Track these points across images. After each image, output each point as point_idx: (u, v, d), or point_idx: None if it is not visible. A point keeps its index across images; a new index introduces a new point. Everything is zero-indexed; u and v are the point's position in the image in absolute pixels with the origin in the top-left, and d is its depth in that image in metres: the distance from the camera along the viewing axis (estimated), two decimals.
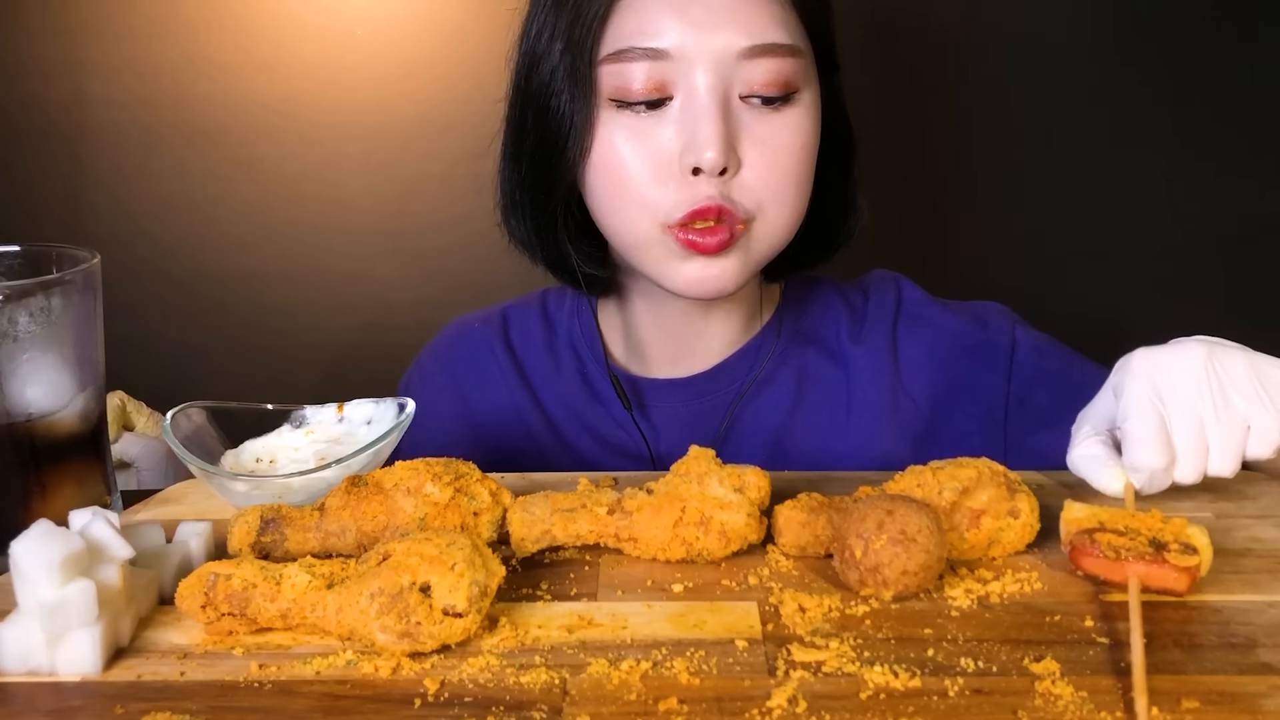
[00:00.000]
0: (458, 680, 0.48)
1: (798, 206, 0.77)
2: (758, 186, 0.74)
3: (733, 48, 0.72)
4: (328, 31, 1.34)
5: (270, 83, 1.34)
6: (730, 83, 0.73)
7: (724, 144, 0.72)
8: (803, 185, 0.77)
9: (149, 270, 1.39)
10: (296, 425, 0.73)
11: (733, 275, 0.76)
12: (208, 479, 0.67)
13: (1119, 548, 0.55)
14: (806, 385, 0.86)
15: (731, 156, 0.73)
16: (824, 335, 0.88)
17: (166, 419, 0.68)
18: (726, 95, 0.73)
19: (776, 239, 0.78)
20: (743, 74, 0.73)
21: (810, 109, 0.76)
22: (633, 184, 0.75)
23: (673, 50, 0.72)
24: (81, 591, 0.49)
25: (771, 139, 0.74)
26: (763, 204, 0.75)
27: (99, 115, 1.35)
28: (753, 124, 0.74)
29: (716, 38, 0.72)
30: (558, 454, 0.89)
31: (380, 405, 0.73)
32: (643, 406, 0.88)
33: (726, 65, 0.72)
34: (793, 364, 0.87)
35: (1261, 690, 0.46)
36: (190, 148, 1.36)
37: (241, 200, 1.37)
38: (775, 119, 0.74)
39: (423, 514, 0.59)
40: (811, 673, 0.48)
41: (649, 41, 0.73)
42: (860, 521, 0.54)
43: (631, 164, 0.74)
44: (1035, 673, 0.48)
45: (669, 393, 0.87)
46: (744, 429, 0.86)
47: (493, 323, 0.94)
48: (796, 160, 0.75)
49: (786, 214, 0.77)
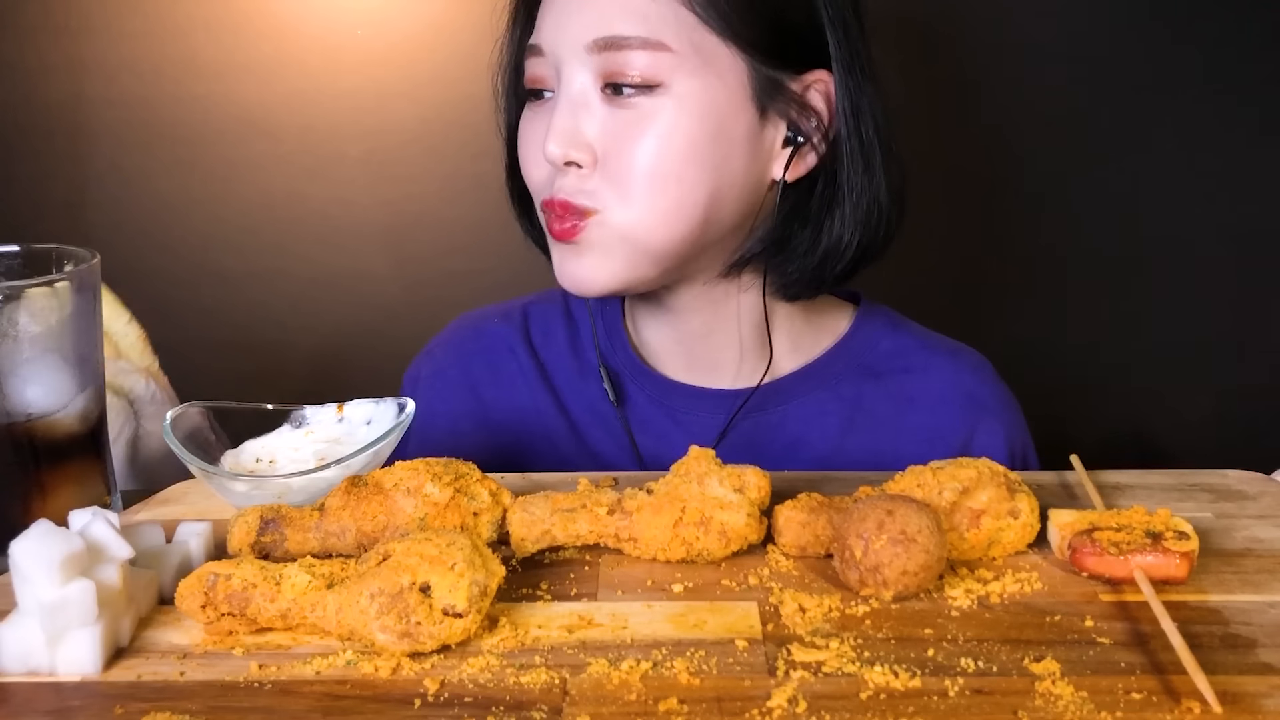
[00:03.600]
0: (458, 680, 0.48)
1: (658, 204, 0.73)
2: (603, 181, 0.74)
3: (582, 40, 0.72)
4: (328, 32, 1.34)
5: (270, 83, 1.34)
6: (593, 76, 0.73)
7: (566, 138, 0.73)
8: (660, 182, 0.73)
9: (149, 270, 1.39)
10: (296, 425, 0.73)
11: (592, 270, 0.76)
12: (207, 479, 0.67)
13: (1119, 543, 0.55)
14: (860, 418, 0.85)
15: (583, 151, 0.73)
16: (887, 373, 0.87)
17: (167, 419, 0.68)
18: (586, 89, 0.73)
19: (639, 237, 0.74)
20: (598, 67, 0.73)
21: (681, 101, 0.72)
22: (525, 172, 0.79)
23: (543, 45, 0.75)
24: (81, 591, 0.49)
25: (620, 132, 0.73)
26: (608, 199, 0.74)
27: (99, 115, 1.35)
28: (607, 117, 0.73)
29: (570, 31, 0.73)
30: (579, 457, 0.87)
31: (380, 405, 0.73)
32: (670, 410, 0.86)
33: (580, 58, 0.73)
34: (846, 395, 0.85)
35: (1261, 690, 0.46)
36: (190, 147, 1.36)
37: (241, 200, 1.37)
38: (626, 113, 0.73)
39: (423, 514, 0.59)
40: (811, 673, 0.48)
41: (534, 38, 0.76)
42: (860, 521, 0.54)
43: (524, 153, 0.79)
44: (1035, 673, 0.48)
45: (703, 401, 0.85)
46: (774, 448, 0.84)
47: (513, 319, 0.92)
48: (650, 156, 0.73)
49: (641, 211, 0.73)
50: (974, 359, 0.90)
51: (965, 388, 0.87)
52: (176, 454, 0.66)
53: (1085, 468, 0.70)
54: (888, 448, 0.84)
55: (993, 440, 0.85)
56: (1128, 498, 0.68)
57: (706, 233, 0.76)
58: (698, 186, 0.74)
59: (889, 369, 0.87)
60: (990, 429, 0.85)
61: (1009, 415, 0.87)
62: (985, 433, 0.85)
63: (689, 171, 0.73)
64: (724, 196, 0.75)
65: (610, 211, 0.74)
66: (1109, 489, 0.70)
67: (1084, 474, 0.69)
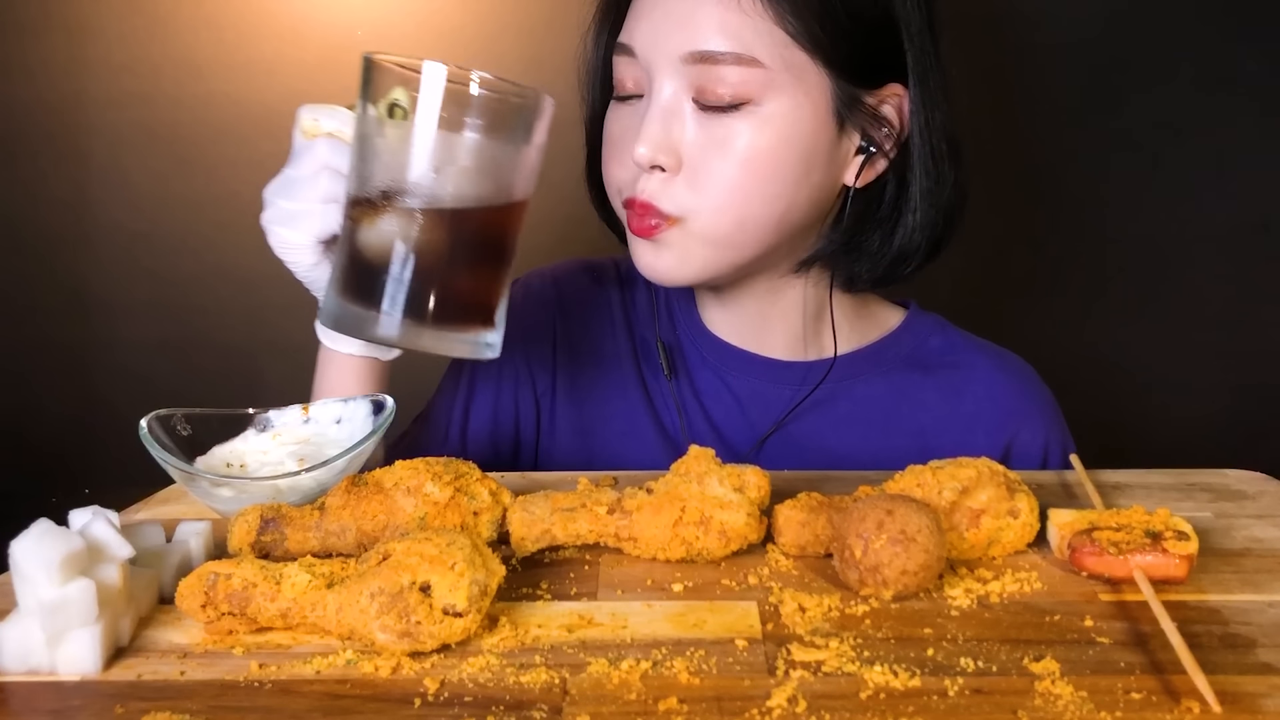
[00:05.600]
0: (458, 680, 0.48)
1: (737, 214, 0.77)
2: (688, 190, 0.76)
3: (677, 52, 0.74)
4: (328, 32, 1.34)
5: (271, 83, 1.34)
6: (685, 86, 0.75)
7: (656, 143, 0.75)
8: (742, 197, 0.76)
9: (149, 270, 1.39)
10: (261, 429, 0.72)
11: (670, 267, 0.79)
12: (190, 484, 0.66)
13: (1118, 542, 0.55)
14: (907, 405, 0.88)
15: (669, 156, 0.75)
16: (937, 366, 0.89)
17: (143, 425, 0.66)
18: (678, 97, 0.75)
19: (718, 243, 0.78)
20: (692, 78, 0.75)
21: (769, 121, 0.75)
22: (607, 164, 0.82)
23: (636, 49, 0.77)
24: (81, 591, 0.49)
25: (710, 146, 0.75)
26: (692, 207, 0.77)
27: (100, 115, 1.35)
28: (697, 128, 0.76)
29: (665, 40, 0.75)
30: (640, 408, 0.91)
31: (350, 404, 0.73)
32: (723, 374, 0.90)
33: (675, 68, 0.75)
34: (896, 382, 0.89)
35: (1261, 690, 0.46)
36: (191, 147, 1.36)
37: (242, 200, 1.37)
38: (716, 126, 0.75)
39: (423, 513, 0.59)
40: (811, 672, 0.48)
41: (625, 38, 0.78)
42: (860, 521, 0.54)
43: (609, 151, 0.82)
44: (1035, 673, 0.48)
45: (756, 369, 0.89)
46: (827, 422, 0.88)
47: (608, 269, 0.97)
48: (735, 169, 0.75)
49: (720, 220, 0.77)
50: (1019, 362, 0.93)
51: (1012, 388, 0.90)
52: (157, 459, 0.66)
53: (1085, 467, 0.70)
54: (932, 433, 0.87)
55: (1035, 440, 0.87)
56: (1127, 497, 0.68)
57: (779, 236, 0.80)
58: (777, 200, 0.77)
59: (939, 363, 0.90)
60: (1033, 429, 0.88)
61: (1052, 418, 0.90)
62: (1029, 432, 0.87)
63: (770, 188, 0.77)
64: (799, 206, 0.79)
65: (691, 218, 0.77)
66: (1109, 488, 0.70)
67: (1084, 473, 0.69)
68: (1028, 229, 1.38)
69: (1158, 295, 1.38)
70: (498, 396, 0.93)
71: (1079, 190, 1.36)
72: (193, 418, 0.70)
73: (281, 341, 1.39)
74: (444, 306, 0.66)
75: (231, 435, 0.72)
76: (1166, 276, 1.37)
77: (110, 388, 1.42)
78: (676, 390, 0.90)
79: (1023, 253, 1.38)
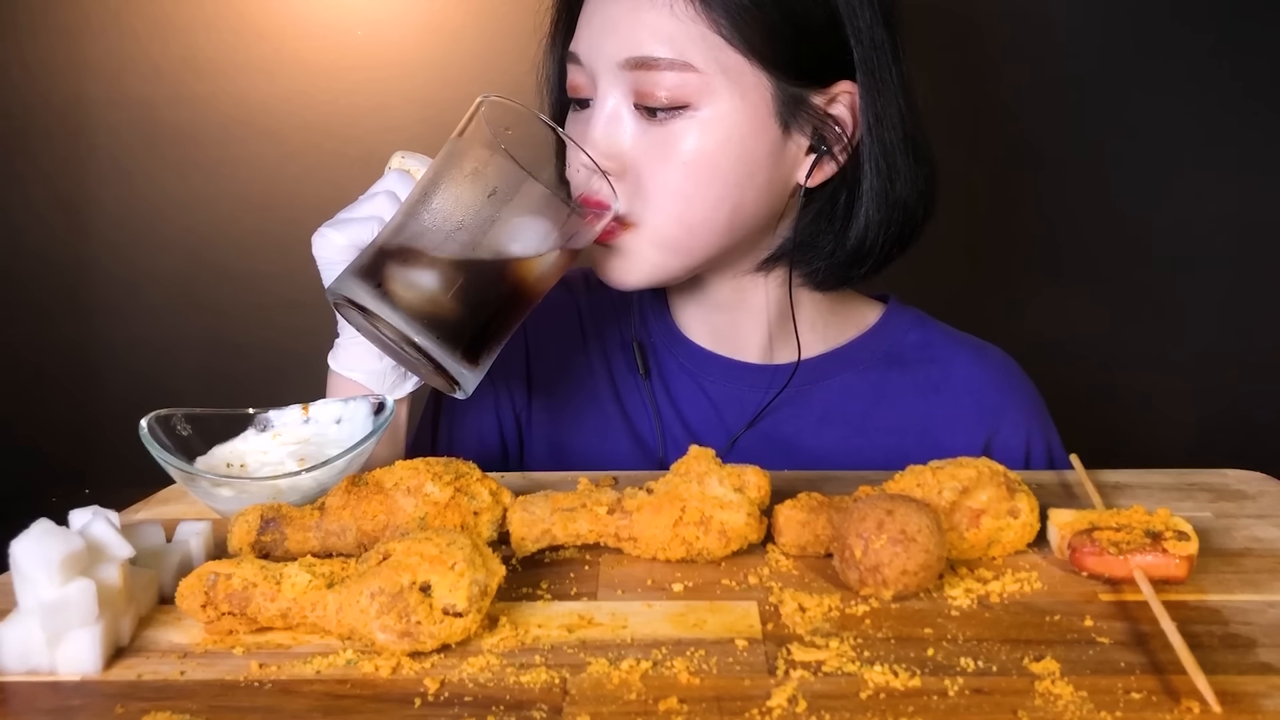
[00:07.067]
0: (458, 680, 0.48)
1: (683, 218, 0.77)
2: (635, 195, 0.76)
3: (616, 58, 0.75)
4: (328, 32, 1.34)
5: (270, 83, 1.34)
6: (626, 92, 0.76)
7: (599, 149, 0.75)
8: (684, 201, 0.76)
9: (149, 270, 1.39)
10: (261, 429, 0.72)
11: (624, 271, 0.79)
12: (190, 484, 0.66)
13: (1118, 542, 0.55)
14: (884, 403, 0.87)
15: (613, 162, 0.76)
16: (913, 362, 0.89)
17: (143, 425, 0.67)
18: (620, 103, 0.76)
19: (668, 246, 0.78)
20: (632, 84, 0.75)
21: (707, 124, 0.75)
22: (568, 174, 0.81)
23: (581, 56, 0.77)
24: (81, 591, 0.49)
25: (651, 150, 0.76)
26: (639, 212, 0.77)
27: (100, 115, 1.35)
28: (639, 134, 0.76)
29: (604, 48, 0.76)
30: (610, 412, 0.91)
31: (350, 404, 0.73)
32: (699, 379, 0.90)
33: (614, 74, 0.75)
34: (872, 380, 0.88)
35: (1261, 690, 0.46)
36: (191, 148, 1.36)
37: (241, 200, 1.37)
38: (657, 131, 0.76)
39: (423, 513, 0.59)
40: (811, 672, 0.48)
41: (573, 47, 0.78)
42: (860, 521, 0.54)
43: None
44: (1035, 672, 0.48)
45: (731, 373, 0.89)
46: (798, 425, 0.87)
47: (576, 280, 0.97)
48: (676, 173, 0.75)
49: (666, 224, 0.77)
50: (1000, 355, 0.92)
51: (992, 381, 0.89)
52: (157, 459, 0.66)
53: (1085, 467, 0.70)
54: (911, 430, 0.86)
55: (1016, 434, 0.87)
56: (1127, 497, 0.68)
57: (732, 237, 0.80)
58: (722, 202, 0.77)
59: (916, 359, 0.89)
60: (1014, 423, 0.87)
61: (1034, 411, 0.89)
62: (1010, 426, 0.87)
63: (712, 190, 0.76)
64: (747, 207, 0.79)
65: (640, 222, 0.77)
66: (1109, 488, 0.70)
67: (1084, 473, 0.69)
68: (1028, 228, 1.38)
69: (1158, 295, 1.38)
70: (480, 422, 0.93)
71: (1080, 189, 1.36)
72: (193, 418, 0.70)
73: (282, 341, 1.39)
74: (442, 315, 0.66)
75: (232, 435, 0.72)
76: (1167, 276, 1.37)
77: (111, 388, 1.42)
78: (651, 392, 0.90)
79: (1022, 252, 1.38)
